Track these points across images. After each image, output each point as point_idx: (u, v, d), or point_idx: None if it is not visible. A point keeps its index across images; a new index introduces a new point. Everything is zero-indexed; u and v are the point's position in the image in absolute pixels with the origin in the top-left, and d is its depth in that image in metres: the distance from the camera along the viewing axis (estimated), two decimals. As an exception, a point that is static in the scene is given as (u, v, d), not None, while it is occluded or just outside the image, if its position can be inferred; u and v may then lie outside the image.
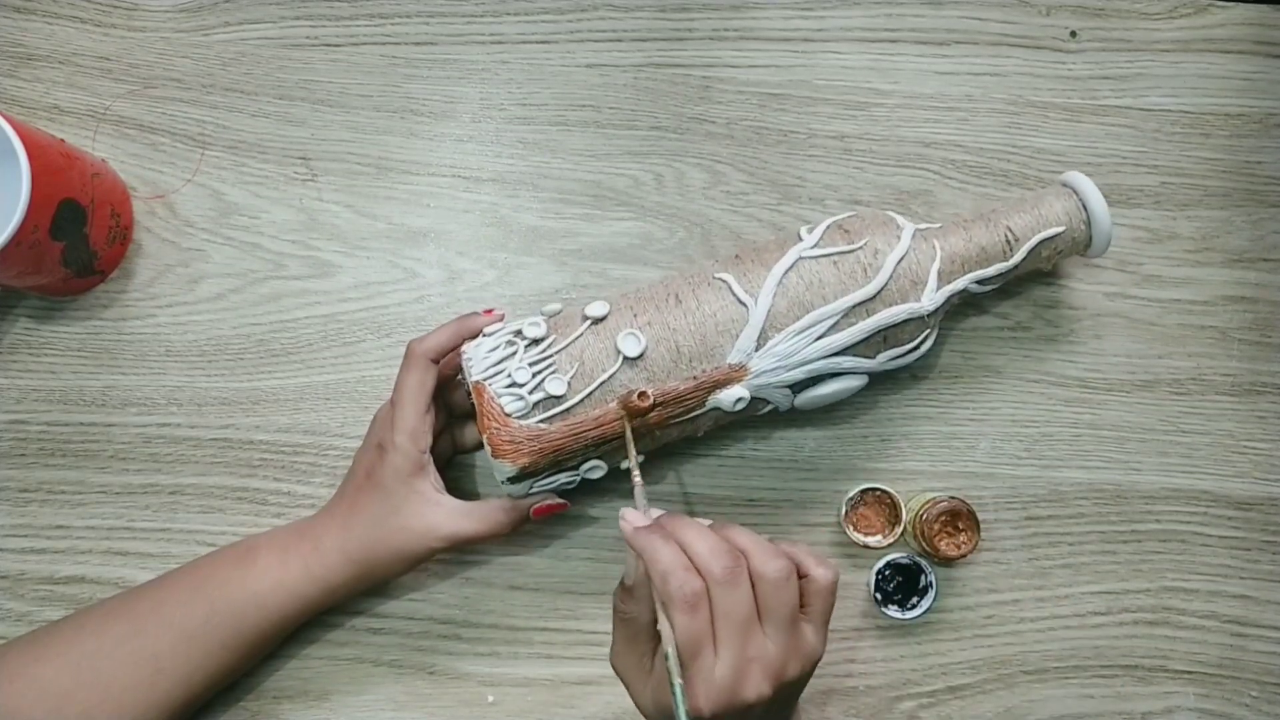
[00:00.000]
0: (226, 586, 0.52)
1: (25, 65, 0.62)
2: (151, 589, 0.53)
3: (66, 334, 0.61)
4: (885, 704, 0.58)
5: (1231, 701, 0.59)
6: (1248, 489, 0.61)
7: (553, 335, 0.51)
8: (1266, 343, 0.62)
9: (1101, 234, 0.55)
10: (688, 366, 0.51)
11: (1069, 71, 0.64)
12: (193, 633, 0.51)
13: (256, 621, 0.52)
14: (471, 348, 0.52)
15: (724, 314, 0.51)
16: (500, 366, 0.51)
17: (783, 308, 0.51)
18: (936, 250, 0.53)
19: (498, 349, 0.51)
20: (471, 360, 0.51)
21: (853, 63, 0.64)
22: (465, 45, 0.63)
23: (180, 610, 0.51)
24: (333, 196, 0.62)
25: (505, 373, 0.50)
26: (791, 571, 0.44)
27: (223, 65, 0.62)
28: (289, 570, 0.52)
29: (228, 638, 0.51)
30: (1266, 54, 0.64)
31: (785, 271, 0.52)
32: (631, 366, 0.50)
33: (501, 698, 0.58)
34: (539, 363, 0.51)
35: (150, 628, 0.51)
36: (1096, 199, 0.54)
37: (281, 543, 0.53)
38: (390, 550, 0.52)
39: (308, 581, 0.52)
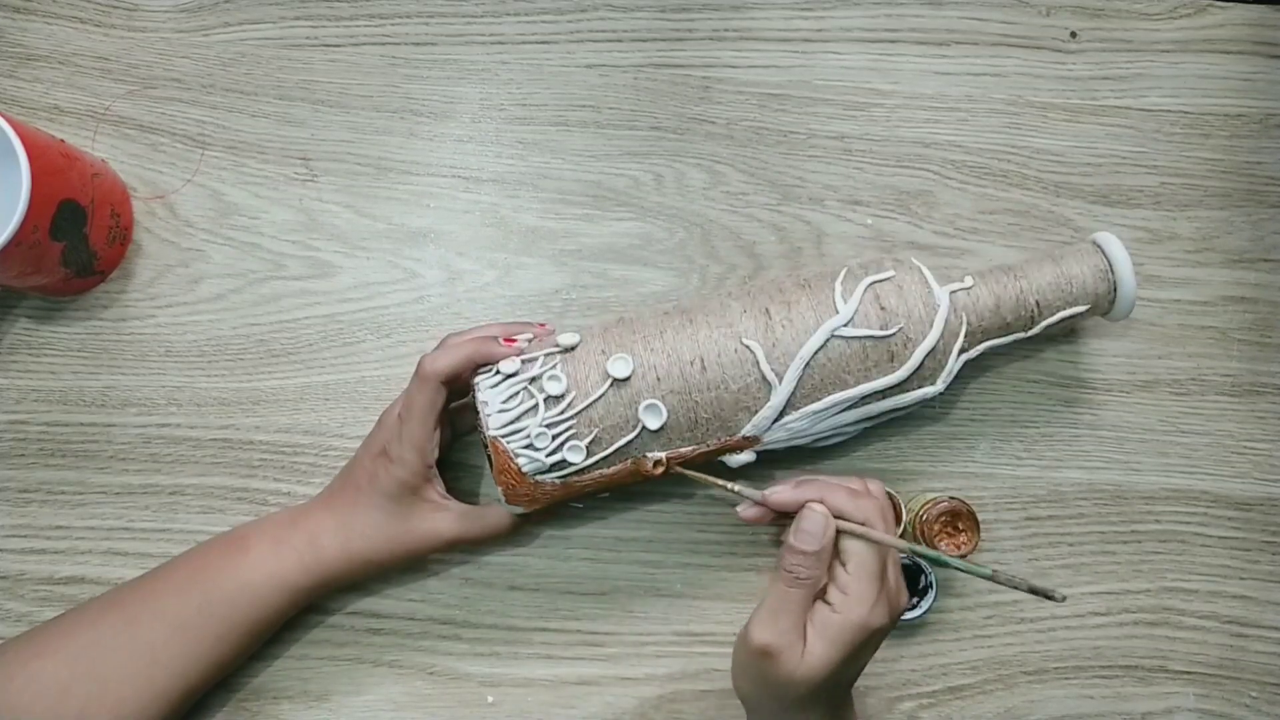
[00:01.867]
0: (219, 576, 0.52)
1: (25, 65, 0.62)
2: (147, 580, 0.53)
3: (66, 334, 0.61)
4: (885, 704, 0.58)
5: (1231, 702, 0.59)
6: (1248, 489, 0.61)
7: (573, 392, 0.50)
8: (1266, 343, 0.62)
9: (1125, 303, 0.54)
10: (703, 434, 0.51)
11: (1069, 72, 0.64)
12: (186, 623, 0.51)
13: (249, 612, 0.52)
14: (488, 388, 0.51)
15: (746, 388, 0.51)
16: (519, 425, 0.50)
17: (805, 388, 0.51)
18: (962, 327, 0.53)
19: (516, 397, 0.50)
20: (488, 407, 0.50)
21: (853, 63, 0.64)
22: (465, 45, 0.63)
23: (174, 600, 0.51)
24: (333, 196, 0.62)
25: (524, 432, 0.50)
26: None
27: (223, 65, 0.62)
28: (283, 562, 0.52)
29: (222, 628, 0.51)
30: (1266, 54, 0.64)
31: (815, 352, 0.51)
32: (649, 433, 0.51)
33: (501, 698, 0.58)
34: (558, 424, 0.50)
35: (145, 619, 0.51)
36: (1125, 268, 0.53)
37: (274, 534, 0.53)
38: (393, 552, 0.53)
39: (301, 574, 0.52)
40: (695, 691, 0.58)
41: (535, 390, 0.50)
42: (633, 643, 0.59)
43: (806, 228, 0.62)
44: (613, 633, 0.59)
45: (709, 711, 0.58)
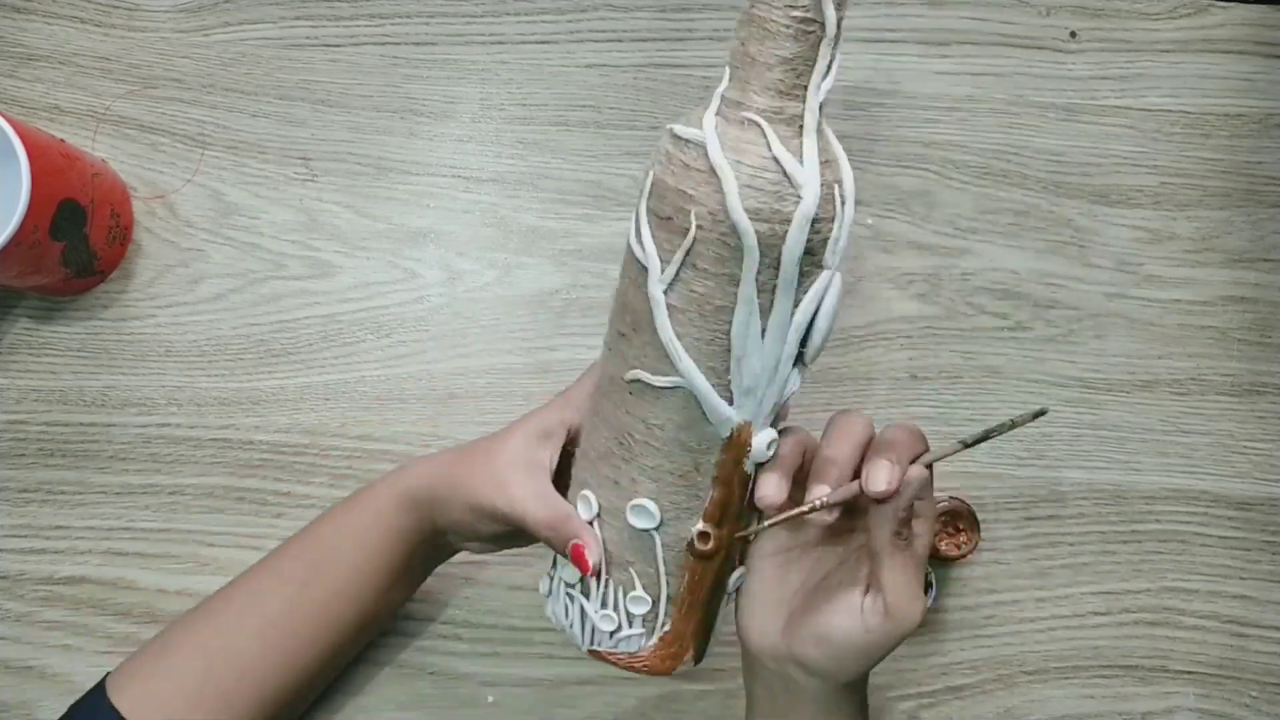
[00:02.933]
0: (325, 530, 0.50)
1: (25, 65, 0.62)
2: (267, 556, 0.51)
3: (66, 334, 0.60)
4: (885, 704, 0.58)
5: (1232, 702, 0.59)
6: (1248, 489, 0.61)
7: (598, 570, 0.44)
8: (1266, 343, 0.62)
9: None
10: (697, 474, 0.43)
11: (1069, 72, 0.64)
12: (304, 584, 0.49)
13: (354, 558, 0.49)
14: (557, 615, 0.47)
15: (678, 414, 0.41)
16: (585, 626, 0.45)
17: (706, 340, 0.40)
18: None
19: (568, 608, 0.46)
20: (568, 631, 0.47)
21: (853, 63, 0.64)
22: (465, 45, 0.63)
23: (289, 564, 0.50)
24: (333, 196, 0.62)
25: (595, 629, 0.45)
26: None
27: (223, 65, 0.62)
28: (376, 494, 0.49)
29: (337, 583, 0.49)
30: (1266, 54, 0.64)
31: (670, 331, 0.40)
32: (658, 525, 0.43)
33: (502, 698, 0.58)
34: (605, 601, 0.44)
35: (266, 590, 0.49)
36: None
37: (384, 479, 0.50)
38: (477, 493, 0.46)
39: (392, 504, 0.48)
40: (695, 691, 0.58)
41: (574, 590, 0.45)
42: (633, 643, 0.59)
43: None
44: (613, 633, 0.59)
45: (709, 711, 0.58)
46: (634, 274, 0.41)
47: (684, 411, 0.41)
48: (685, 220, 0.38)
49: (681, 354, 0.40)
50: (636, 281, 0.41)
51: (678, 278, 0.39)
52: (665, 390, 0.41)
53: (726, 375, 0.41)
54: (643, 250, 0.40)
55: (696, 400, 0.41)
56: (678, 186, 0.39)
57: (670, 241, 0.39)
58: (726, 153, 0.38)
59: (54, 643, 0.58)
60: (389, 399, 0.60)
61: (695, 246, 0.39)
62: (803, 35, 0.38)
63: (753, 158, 0.38)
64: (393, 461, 0.59)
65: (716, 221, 0.38)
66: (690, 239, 0.39)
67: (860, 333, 0.61)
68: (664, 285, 0.40)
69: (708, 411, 0.41)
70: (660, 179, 0.39)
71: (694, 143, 0.39)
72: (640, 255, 0.40)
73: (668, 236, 0.39)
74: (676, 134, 0.39)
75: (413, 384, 0.60)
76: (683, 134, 0.39)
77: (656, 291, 0.40)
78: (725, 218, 0.38)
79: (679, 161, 0.39)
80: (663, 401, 0.41)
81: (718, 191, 0.38)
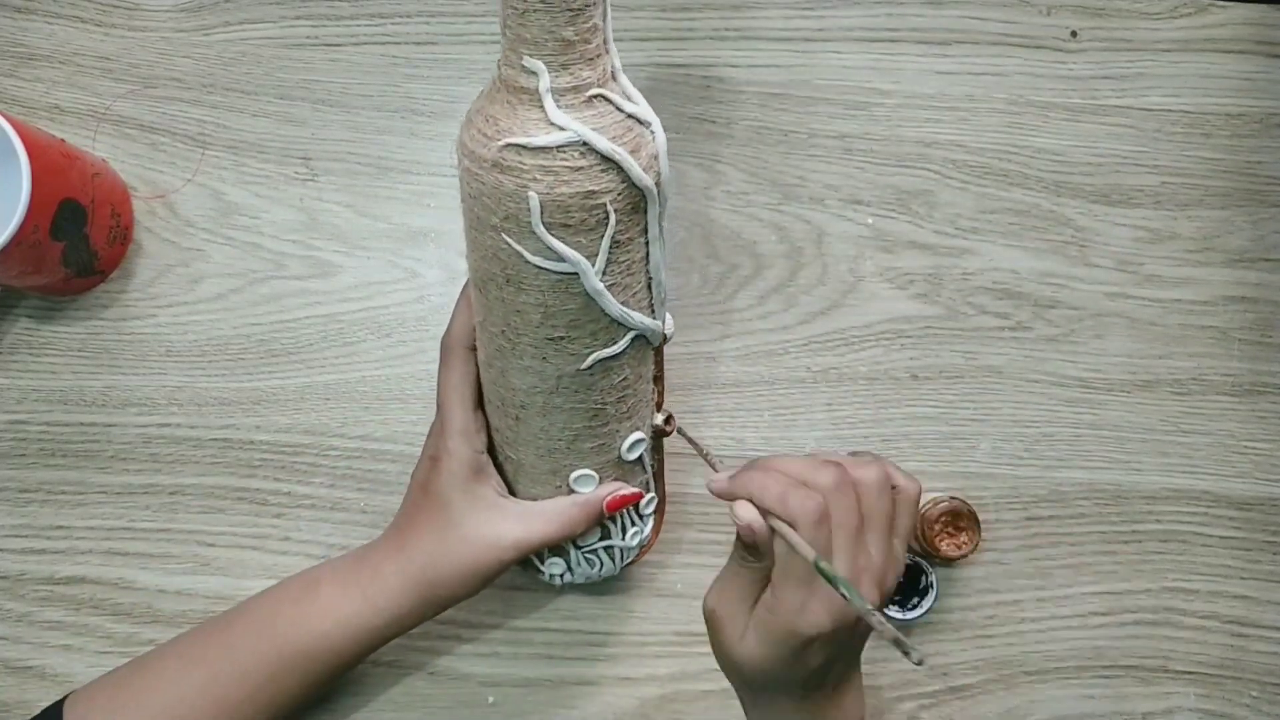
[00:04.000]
0: (293, 628, 0.49)
1: (25, 65, 0.62)
2: (221, 632, 0.51)
3: (66, 334, 0.60)
4: (886, 704, 0.58)
5: (1232, 702, 0.59)
6: (1249, 489, 0.61)
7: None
8: (1267, 343, 0.62)
9: None
10: (648, 386, 0.49)
11: (1069, 71, 0.64)
12: (268, 678, 0.49)
13: (325, 660, 0.49)
14: (581, 576, 0.53)
15: (632, 359, 0.46)
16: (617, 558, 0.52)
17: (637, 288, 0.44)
18: None
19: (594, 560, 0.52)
20: (597, 576, 0.53)
21: (853, 62, 0.63)
22: (466, 45, 0.63)
23: (252, 658, 0.49)
24: (333, 196, 0.62)
25: (623, 553, 0.52)
26: (887, 478, 0.43)
27: (223, 65, 0.62)
28: (350, 604, 0.49)
29: (300, 681, 0.50)
30: (1267, 54, 0.64)
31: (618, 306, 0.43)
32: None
33: (502, 698, 0.58)
34: (628, 525, 0.52)
35: (224, 678, 0.49)
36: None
37: (343, 574, 0.50)
38: (454, 568, 0.48)
39: (371, 613, 0.49)
40: (695, 691, 0.58)
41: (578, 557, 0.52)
42: (633, 643, 0.59)
43: (807, 227, 0.62)
44: (613, 633, 0.59)
45: (709, 711, 0.57)
46: (550, 285, 0.42)
47: (635, 353, 0.46)
48: (599, 214, 0.40)
49: (632, 314, 0.44)
50: (558, 289, 0.42)
51: (607, 261, 0.41)
52: (622, 350, 0.44)
53: (651, 304, 0.45)
54: (563, 261, 0.41)
55: (644, 337, 0.45)
56: (582, 190, 0.39)
57: (586, 240, 0.41)
58: (599, 133, 0.39)
59: (54, 643, 0.58)
60: (389, 399, 0.60)
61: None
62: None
63: (616, 130, 0.40)
64: (393, 461, 0.59)
65: (623, 197, 0.40)
66: (612, 225, 0.40)
67: (860, 333, 0.61)
68: (600, 275, 0.42)
69: (650, 338, 0.46)
70: (553, 195, 0.39)
71: (567, 146, 0.39)
72: (560, 266, 0.41)
73: (582, 238, 0.40)
74: (533, 146, 0.39)
75: (413, 384, 0.60)
76: (546, 142, 0.39)
77: (597, 284, 0.42)
78: (631, 188, 0.40)
79: (563, 169, 0.39)
80: (620, 359, 0.45)
81: (618, 172, 0.40)
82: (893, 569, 0.43)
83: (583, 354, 0.44)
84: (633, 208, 0.41)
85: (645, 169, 0.41)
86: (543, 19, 0.38)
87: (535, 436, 0.47)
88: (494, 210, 0.40)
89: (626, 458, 0.49)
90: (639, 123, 0.41)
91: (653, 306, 0.45)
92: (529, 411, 0.46)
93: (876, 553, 0.42)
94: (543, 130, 0.39)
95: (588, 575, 0.53)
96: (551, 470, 0.48)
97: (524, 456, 0.48)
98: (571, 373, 0.44)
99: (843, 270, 0.62)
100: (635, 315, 0.44)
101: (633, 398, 0.47)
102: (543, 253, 0.40)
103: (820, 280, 0.62)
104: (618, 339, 0.44)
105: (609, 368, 0.45)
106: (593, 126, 0.39)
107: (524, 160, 0.39)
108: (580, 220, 0.40)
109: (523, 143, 0.39)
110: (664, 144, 0.42)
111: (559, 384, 0.45)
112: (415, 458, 0.51)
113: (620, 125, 0.40)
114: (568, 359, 0.44)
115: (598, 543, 0.51)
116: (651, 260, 0.44)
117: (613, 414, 0.47)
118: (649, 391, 0.49)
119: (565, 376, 0.44)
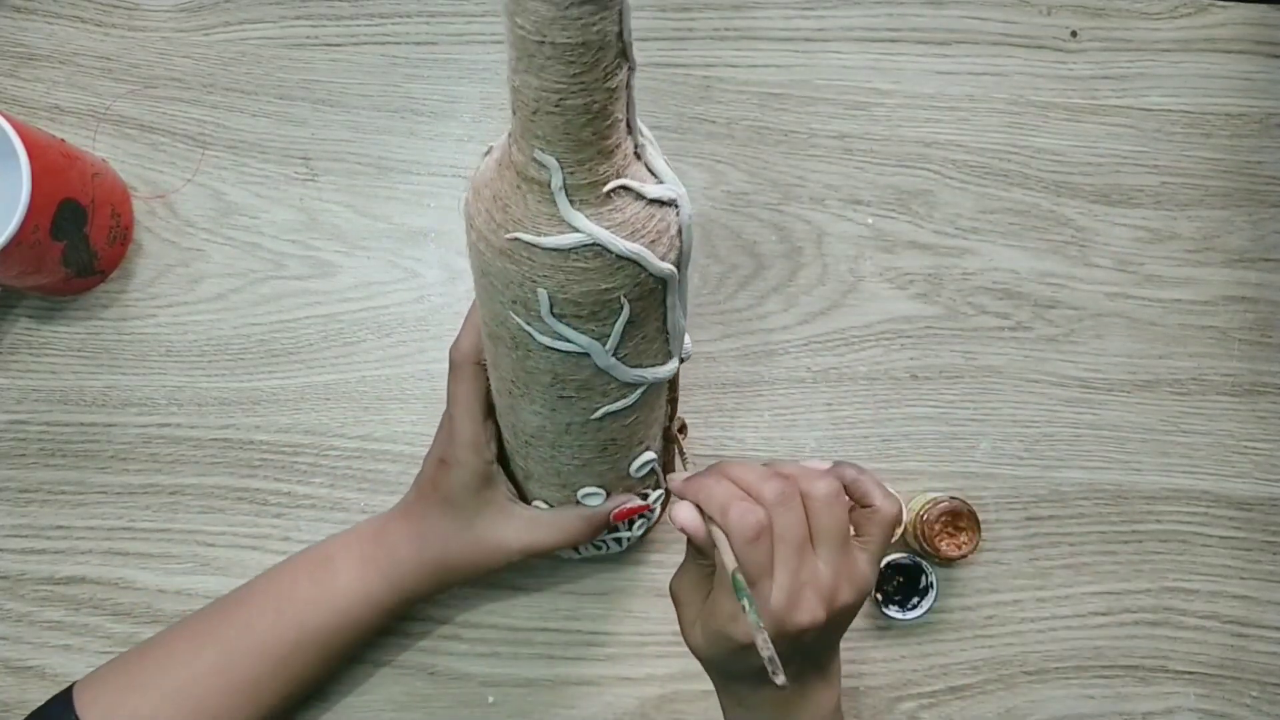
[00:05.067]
0: (312, 606, 0.51)
1: (26, 65, 0.62)
2: (237, 609, 0.51)
3: (66, 334, 0.60)
4: (885, 704, 0.58)
5: (1232, 702, 0.59)
6: (1248, 489, 0.61)
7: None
8: (1267, 343, 0.62)
9: None
10: (663, 409, 0.49)
11: (1069, 71, 0.64)
12: (285, 657, 0.50)
13: (343, 636, 0.51)
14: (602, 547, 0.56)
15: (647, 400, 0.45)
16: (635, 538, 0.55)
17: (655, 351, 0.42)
18: None
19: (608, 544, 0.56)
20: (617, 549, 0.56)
21: (853, 62, 0.63)
22: (466, 45, 0.63)
23: (270, 635, 0.50)
24: (333, 196, 0.62)
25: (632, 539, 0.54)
26: (840, 491, 0.42)
27: (223, 65, 0.62)
28: (368, 581, 0.51)
29: (320, 655, 0.51)
30: (1267, 54, 0.64)
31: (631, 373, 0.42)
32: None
33: (502, 698, 0.58)
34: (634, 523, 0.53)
35: (239, 657, 0.50)
36: None
37: (358, 551, 0.52)
38: (466, 562, 0.51)
39: (387, 589, 0.51)
40: (695, 691, 0.58)
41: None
42: (633, 643, 0.59)
43: (807, 227, 0.62)
44: (613, 633, 0.59)
45: (709, 711, 0.57)
46: (561, 358, 0.39)
47: (649, 394, 0.44)
48: (613, 304, 0.37)
49: (645, 374, 0.42)
50: (569, 362, 0.40)
51: (621, 339, 0.39)
52: (634, 402, 0.43)
53: (668, 348, 0.43)
54: (574, 344, 0.38)
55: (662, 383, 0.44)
56: (595, 288, 0.36)
57: (599, 327, 0.38)
58: (619, 233, 0.35)
59: (54, 643, 0.58)
60: (389, 399, 0.60)
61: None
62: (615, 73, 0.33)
63: (637, 222, 0.36)
64: (393, 461, 0.59)
65: (641, 285, 0.37)
66: (625, 313, 0.38)
67: (860, 333, 0.61)
68: (611, 354, 0.39)
69: (668, 379, 0.44)
70: (563, 290, 0.36)
71: (580, 248, 0.35)
72: (569, 347, 0.39)
73: (595, 325, 0.38)
74: (545, 247, 0.35)
75: (413, 384, 0.60)
76: (559, 244, 0.35)
77: (609, 361, 0.40)
78: (649, 277, 0.37)
79: (576, 268, 0.36)
80: (633, 403, 0.43)
81: (634, 267, 0.36)
82: (849, 584, 0.42)
83: (593, 408, 0.43)
84: (650, 292, 0.38)
85: (665, 254, 0.37)
86: (556, 120, 0.33)
87: (545, 460, 0.47)
88: (502, 291, 0.38)
89: (636, 476, 0.49)
90: (663, 204, 0.37)
91: (670, 352, 0.43)
92: (539, 442, 0.46)
93: (827, 567, 0.41)
94: (554, 228, 0.35)
95: (594, 555, 0.56)
96: (561, 484, 0.49)
97: (533, 469, 0.49)
98: (581, 421, 0.44)
99: (843, 270, 0.62)
100: (650, 373, 0.42)
101: (643, 428, 0.46)
102: (551, 334, 0.38)
103: (820, 280, 0.62)
104: (629, 394, 0.43)
105: (621, 414, 0.44)
106: (609, 224, 0.35)
107: (532, 255, 0.36)
108: (592, 312, 0.37)
109: (532, 241, 0.35)
110: (689, 215, 0.38)
111: (569, 428, 0.44)
112: (416, 458, 0.52)
113: (642, 215, 0.36)
114: (578, 411, 0.43)
115: (606, 534, 0.53)
116: (670, 323, 0.41)
117: (623, 444, 0.46)
118: (662, 414, 0.49)
119: (575, 425, 0.44)
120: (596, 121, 0.33)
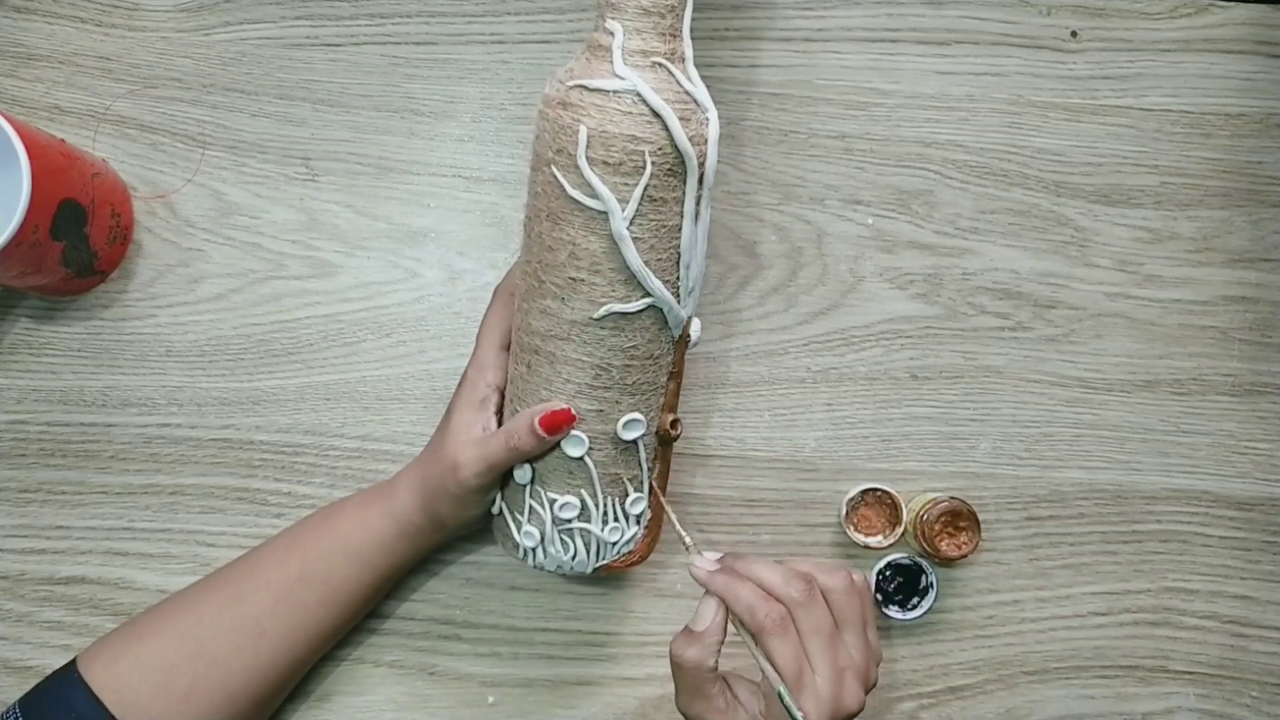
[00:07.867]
0: (315, 542, 0.53)
1: (25, 65, 0.62)
2: (247, 556, 0.54)
3: (66, 334, 0.60)
4: (886, 704, 0.58)
5: (1232, 702, 0.59)
6: (1248, 489, 0.61)
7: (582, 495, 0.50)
8: (1267, 343, 0.62)
9: None
10: (660, 374, 0.50)
11: (1069, 71, 0.64)
12: (288, 590, 0.51)
13: (347, 572, 0.52)
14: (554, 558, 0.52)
15: (647, 330, 0.48)
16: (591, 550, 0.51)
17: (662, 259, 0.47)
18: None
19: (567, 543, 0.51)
20: (569, 565, 0.52)
21: (853, 62, 0.63)
22: (466, 45, 0.63)
23: (274, 571, 0.52)
24: (333, 196, 0.62)
25: (601, 546, 0.52)
26: (852, 581, 0.47)
27: (223, 65, 0.62)
28: (369, 514, 0.53)
29: (323, 591, 0.52)
30: (1267, 54, 0.64)
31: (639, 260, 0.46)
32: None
33: (502, 698, 0.58)
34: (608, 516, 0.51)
35: (247, 592, 0.51)
36: None
37: (362, 496, 0.55)
38: (439, 485, 0.50)
39: (388, 521, 0.52)
40: (696, 691, 0.58)
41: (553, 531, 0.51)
42: (633, 643, 0.59)
43: (807, 227, 0.62)
44: (613, 633, 0.59)
45: (709, 711, 0.57)
46: (582, 221, 0.45)
47: (651, 327, 0.48)
48: (637, 160, 0.44)
49: (651, 277, 0.46)
50: (588, 227, 0.45)
51: (638, 212, 0.45)
52: (635, 314, 0.47)
53: (676, 283, 0.48)
54: (596, 197, 0.45)
55: (661, 313, 0.48)
56: (626, 132, 0.44)
57: (621, 183, 0.45)
58: (654, 92, 0.44)
59: (54, 643, 0.58)
60: (389, 399, 0.60)
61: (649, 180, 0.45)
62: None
63: (670, 95, 0.45)
64: (393, 461, 0.59)
65: (663, 154, 0.45)
66: (647, 175, 0.44)
67: (860, 333, 0.61)
68: (627, 222, 0.45)
69: (670, 318, 0.48)
70: (601, 129, 0.44)
71: (622, 92, 0.44)
72: (593, 203, 0.45)
73: (619, 180, 0.44)
74: (593, 88, 0.44)
75: (413, 384, 0.60)
76: (605, 86, 0.44)
77: (622, 229, 0.45)
78: (672, 150, 0.45)
79: (615, 110, 0.44)
80: (634, 324, 0.47)
81: (663, 129, 0.44)
82: (873, 660, 0.47)
83: (598, 302, 0.46)
84: (671, 171, 0.45)
85: (690, 139, 0.45)
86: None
87: (539, 388, 0.49)
88: (550, 145, 0.46)
89: (622, 435, 0.49)
90: (695, 102, 0.46)
91: (678, 287, 0.48)
92: (539, 358, 0.48)
93: (855, 651, 0.46)
94: (607, 78, 0.44)
95: (559, 562, 0.51)
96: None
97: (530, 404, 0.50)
98: (584, 320, 0.47)
99: (843, 270, 0.62)
100: (654, 280, 0.46)
101: (639, 373, 0.49)
102: (582, 187, 0.45)
103: (820, 280, 0.62)
104: (633, 298, 0.46)
105: (620, 327, 0.47)
106: (650, 85, 0.44)
107: (584, 99, 0.45)
108: (619, 162, 0.44)
109: (586, 84, 0.45)
110: (716, 133, 0.46)
111: (571, 330, 0.47)
112: (401, 475, 0.54)
113: (676, 95, 0.45)
114: (584, 304, 0.46)
115: (575, 521, 0.50)
116: (683, 235, 0.47)
117: (616, 380, 0.48)
118: (659, 381, 0.50)
119: (578, 324, 0.47)
120: (659, 4, 0.45)
